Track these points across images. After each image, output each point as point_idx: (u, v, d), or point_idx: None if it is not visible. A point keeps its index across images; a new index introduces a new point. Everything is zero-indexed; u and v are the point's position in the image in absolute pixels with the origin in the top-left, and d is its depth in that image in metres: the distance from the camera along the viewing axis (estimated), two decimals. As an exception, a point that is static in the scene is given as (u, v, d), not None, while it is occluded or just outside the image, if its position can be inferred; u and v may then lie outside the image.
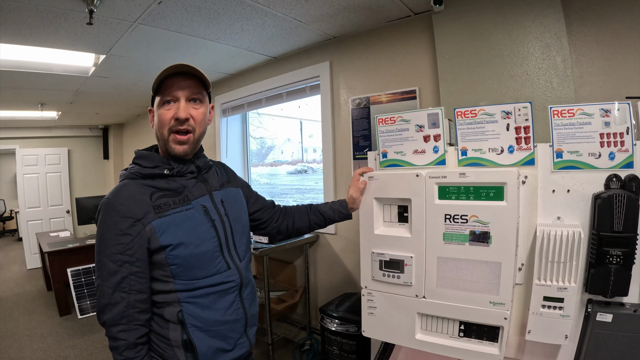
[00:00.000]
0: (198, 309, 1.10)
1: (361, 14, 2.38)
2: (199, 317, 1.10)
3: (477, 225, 1.30)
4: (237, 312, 1.18)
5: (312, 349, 3.06)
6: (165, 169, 1.13)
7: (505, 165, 1.48)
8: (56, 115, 5.42)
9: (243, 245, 1.27)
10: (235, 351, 1.17)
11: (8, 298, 4.87)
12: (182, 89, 1.10)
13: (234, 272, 1.18)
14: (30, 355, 3.29)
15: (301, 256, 3.25)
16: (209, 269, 1.12)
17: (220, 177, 1.34)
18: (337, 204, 1.52)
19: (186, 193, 1.15)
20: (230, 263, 1.18)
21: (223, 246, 1.17)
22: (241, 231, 1.27)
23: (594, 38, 1.83)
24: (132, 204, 1.06)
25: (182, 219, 1.10)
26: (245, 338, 1.21)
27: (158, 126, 1.13)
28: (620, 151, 1.35)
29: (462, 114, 1.51)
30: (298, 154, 4.30)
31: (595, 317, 1.37)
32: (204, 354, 1.10)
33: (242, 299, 1.20)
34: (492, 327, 1.34)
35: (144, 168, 1.13)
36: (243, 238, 1.28)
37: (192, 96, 1.12)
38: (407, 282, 1.45)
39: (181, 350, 1.09)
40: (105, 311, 1.04)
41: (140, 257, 1.05)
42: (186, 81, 1.11)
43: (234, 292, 1.18)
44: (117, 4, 2.08)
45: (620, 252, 1.31)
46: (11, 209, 10.58)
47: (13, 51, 2.77)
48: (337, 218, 1.52)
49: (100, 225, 1.07)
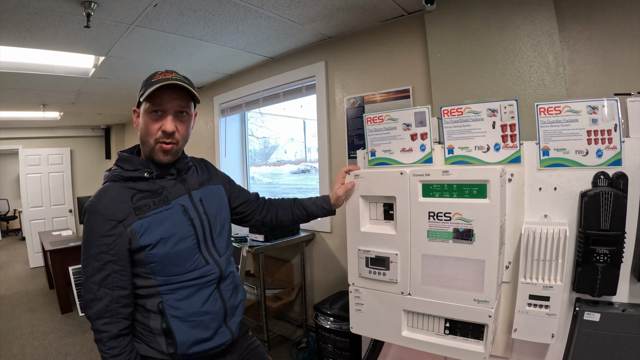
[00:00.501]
0: (177, 300, 1.15)
1: (355, 14, 2.39)
2: (178, 307, 1.15)
3: (461, 223, 1.30)
4: (216, 304, 1.22)
5: (309, 347, 3.07)
6: (145, 172, 1.17)
7: (491, 163, 1.48)
8: (58, 116, 5.46)
9: (223, 241, 1.30)
10: (215, 340, 1.21)
11: (11, 296, 4.92)
12: (171, 102, 1.13)
13: (213, 266, 1.22)
14: (32, 351, 3.33)
15: (297, 254, 3.26)
16: (187, 265, 1.16)
17: (200, 175, 1.36)
18: (320, 199, 1.52)
19: (165, 194, 1.19)
20: (209, 259, 1.22)
21: (201, 243, 1.21)
22: (220, 228, 1.30)
23: (587, 35, 1.81)
24: (114, 206, 1.11)
25: (162, 219, 1.15)
26: (225, 328, 1.24)
27: (144, 133, 1.16)
28: (608, 148, 1.35)
29: (449, 112, 1.51)
30: (301, 154, 4.30)
31: (583, 317, 1.37)
32: (182, 342, 1.15)
33: (220, 291, 1.24)
34: (477, 324, 1.34)
35: (125, 171, 1.17)
36: (223, 234, 1.31)
37: (180, 109, 1.16)
38: (393, 279, 1.45)
39: (162, 338, 1.15)
40: (90, 306, 1.09)
41: (122, 257, 1.10)
42: (176, 94, 1.14)
43: (212, 285, 1.22)
44: (114, 7, 2.10)
45: (607, 250, 1.31)
46: (14, 208, 10.67)
47: (15, 53, 2.80)
48: (319, 213, 1.52)
49: (85, 227, 1.11)
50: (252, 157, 4.43)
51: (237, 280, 1.35)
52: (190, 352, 1.17)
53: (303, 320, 3.22)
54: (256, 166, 4.46)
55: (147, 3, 2.07)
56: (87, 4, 1.99)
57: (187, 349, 1.16)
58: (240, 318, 1.33)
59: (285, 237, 3.01)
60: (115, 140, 7.07)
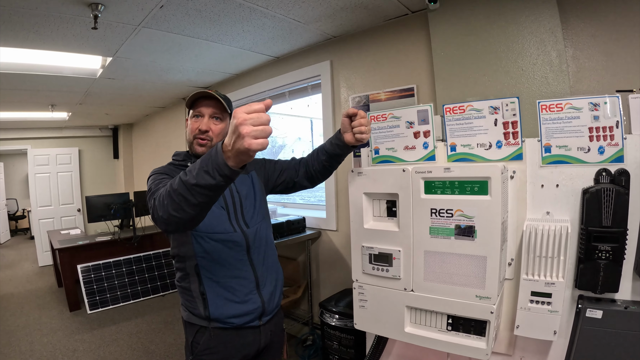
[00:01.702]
0: (210, 262, 1.36)
1: (359, 14, 2.40)
2: (211, 269, 1.36)
3: (463, 220, 1.31)
4: (245, 270, 1.41)
5: (314, 344, 3.08)
6: (188, 162, 1.46)
7: (493, 160, 1.49)
8: (66, 116, 5.52)
9: (252, 217, 1.49)
10: (247, 305, 1.38)
11: (20, 294, 4.98)
12: (207, 108, 1.42)
13: (239, 234, 1.41)
14: (40, 348, 3.37)
15: (303, 252, 3.28)
16: (216, 227, 1.38)
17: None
18: (334, 137, 1.52)
19: None
20: (237, 227, 1.42)
21: (231, 214, 1.43)
22: (252, 205, 1.50)
23: (591, 32, 1.81)
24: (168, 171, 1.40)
25: None
26: (257, 295, 1.41)
27: (188, 131, 1.45)
28: (610, 145, 1.35)
29: (451, 110, 1.52)
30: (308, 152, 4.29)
31: (585, 314, 1.37)
32: (213, 301, 1.35)
33: (250, 259, 1.43)
34: (479, 321, 1.34)
35: (176, 160, 1.51)
36: (252, 210, 1.49)
37: (214, 115, 1.42)
38: (396, 275, 1.46)
39: (200, 301, 1.36)
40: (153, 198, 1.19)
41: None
42: (211, 102, 1.42)
43: (240, 251, 1.41)
44: (121, 9, 2.14)
45: (610, 247, 1.31)
46: (23, 208, 10.80)
47: (24, 55, 2.85)
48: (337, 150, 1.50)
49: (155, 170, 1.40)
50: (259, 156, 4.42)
51: (270, 252, 1.52)
52: (222, 313, 1.34)
53: (309, 317, 3.24)
54: (263, 166, 4.44)
55: (153, 4, 2.09)
56: (94, 5, 2.02)
57: (218, 309, 1.34)
58: (272, 289, 1.48)
59: (291, 236, 3.03)
60: (123, 139, 7.13)
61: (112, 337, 3.60)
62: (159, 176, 1.33)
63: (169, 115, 5.47)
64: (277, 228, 2.94)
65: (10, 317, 4.15)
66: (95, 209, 4.82)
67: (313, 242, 3.22)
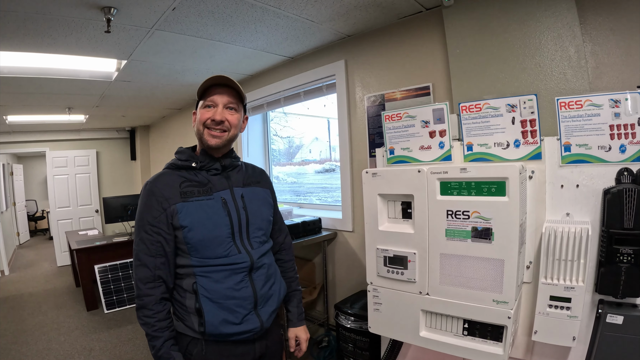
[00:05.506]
0: (209, 282, 1.28)
1: (373, 12, 2.37)
2: (209, 289, 1.28)
3: (479, 222, 1.28)
4: (246, 290, 1.33)
5: (330, 346, 3.06)
6: (193, 162, 1.36)
7: (511, 160, 1.45)
8: (84, 119, 5.60)
9: (259, 236, 1.41)
10: (243, 325, 1.31)
11: (38, 293, 5.07)
12: (221, 97, 1.33)
13: (245, 256, 1.34)
14: (57, 347, 3.43)
15: (319, 253, 3.26)
16: (219, 251, 1.30)
17: (248, 176, 1.48)
18: (289, 305, 1.72)
19: (210, 186, 1.35)
20: (242, 248, 1.34)
21: (236, 234, 1.34)
22: (259, 224, 1.42)
23: (609, 26, 1.75)
24: (164, 188, 1.30)
25: (202, 207, 1.31)
26: (254, 315, 1.34)
27: (197, 122, 1.35)
28: (631, 143, 1.30)
29: (467, 108, 1.49)
30: (326, 153, 4.30)
31: (605, 319, 1.32)
32: (210, 322, 1.26)
33: (251, 279, 1.35)
34: (496, 326, 1.31)
35: (179, 160, 1.37)
36: (259, 230, 1.42)
37: (229, 104, 1.34)
38: (411, 278, 1.44)
39: (195, 317, 1.28)
40: (137, 272, 1.26)
41: (166, 229, 1.27)
42: (225, 91, 1.34)
43: (242, 272, 1.33)
44: (133, 12, 2.15)
45: (632, 250, 1.26)
46: (42, 209, 11.02)
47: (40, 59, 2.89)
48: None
49: (139, 202, 1.32)
50: (277, 156, 4.45)
51: (272, 272, 1.44)
52: (218, 332, 1.27)
53: (325, 319, 3.22)
54: (281, 166, 4.47)
55: (165, 7, 2.10)
56: (107, 9, 2.04)
57: (214, 328, 1.26)
58: (272, 309, 1.41)
59: (307, 237, 3.01)
60: (140, 141, 7.21)
61: (128, 336, 3.64)
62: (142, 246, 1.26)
63: (186, 117, 5.50)
64: (292, 229, 2.91)
65: (29, 316, 4.23)
66: (112, 210, 4.89)
67: (329, 243, 3.20)
